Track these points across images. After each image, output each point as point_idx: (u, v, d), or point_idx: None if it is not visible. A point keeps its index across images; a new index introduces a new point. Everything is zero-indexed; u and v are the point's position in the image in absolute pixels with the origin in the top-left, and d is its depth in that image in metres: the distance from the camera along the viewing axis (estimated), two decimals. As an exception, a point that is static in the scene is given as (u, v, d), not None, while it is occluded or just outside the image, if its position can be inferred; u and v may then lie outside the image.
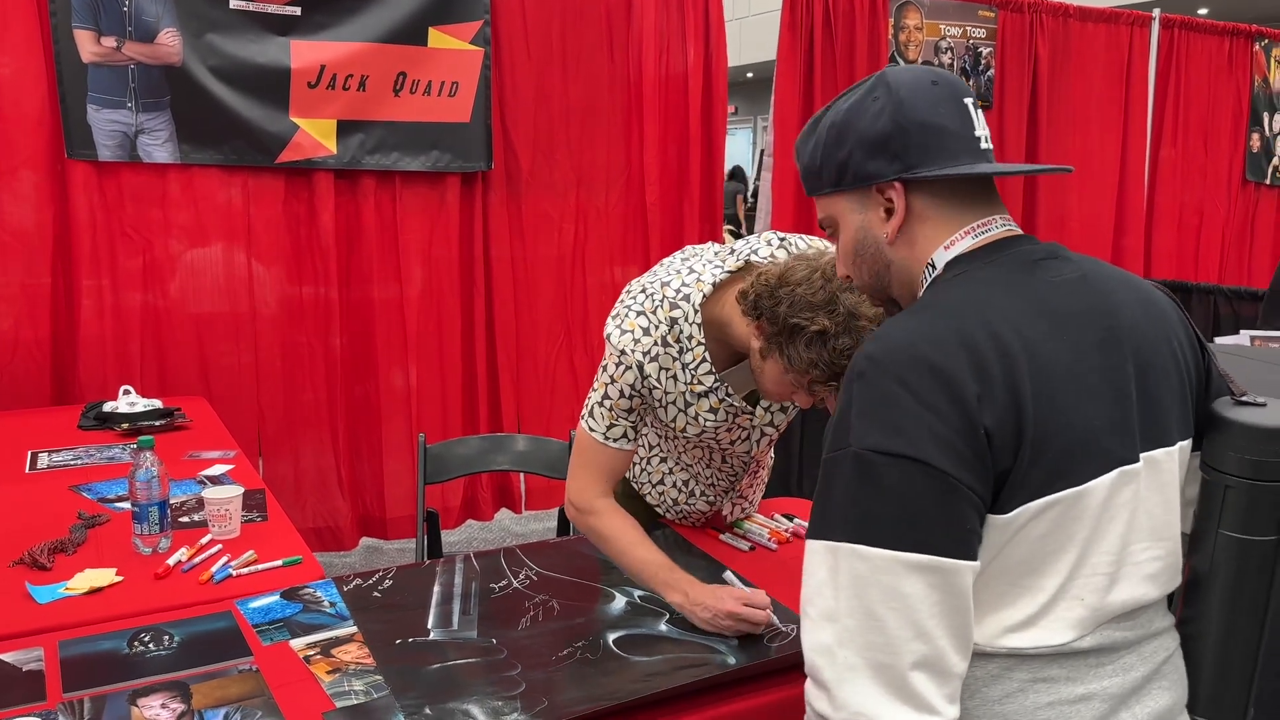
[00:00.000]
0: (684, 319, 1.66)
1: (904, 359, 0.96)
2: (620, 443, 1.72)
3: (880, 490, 0.94)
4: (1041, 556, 0.98)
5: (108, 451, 2.50)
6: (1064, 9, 4.85)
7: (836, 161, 1.11)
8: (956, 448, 0.93)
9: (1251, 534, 1.07)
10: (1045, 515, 0.97)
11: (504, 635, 1.57)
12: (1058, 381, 0.98)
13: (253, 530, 1.98)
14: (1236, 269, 5.57)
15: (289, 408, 3.44)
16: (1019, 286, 1.03)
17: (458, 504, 3.76)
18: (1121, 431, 1.01)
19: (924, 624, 0.93)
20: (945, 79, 1.10)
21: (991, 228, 1.08)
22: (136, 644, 1.49)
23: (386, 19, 3.35)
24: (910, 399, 0.94)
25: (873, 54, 4.33)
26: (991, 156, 1.10)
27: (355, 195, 3.44)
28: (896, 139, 1.06)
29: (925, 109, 1.07)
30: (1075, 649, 1.01)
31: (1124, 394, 1.02)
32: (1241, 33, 5.39)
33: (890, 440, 0.94)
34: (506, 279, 3.74)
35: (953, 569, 0.93)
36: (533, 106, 3.67)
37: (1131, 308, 1.08)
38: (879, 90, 1.09)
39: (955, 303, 1.02)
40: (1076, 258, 1.10)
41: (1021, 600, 1.00)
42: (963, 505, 0.93)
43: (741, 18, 13.30)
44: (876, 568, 0.93)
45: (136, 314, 3.20)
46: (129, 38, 3.05)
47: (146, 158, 3.13)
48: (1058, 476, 0.97)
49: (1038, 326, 1.00)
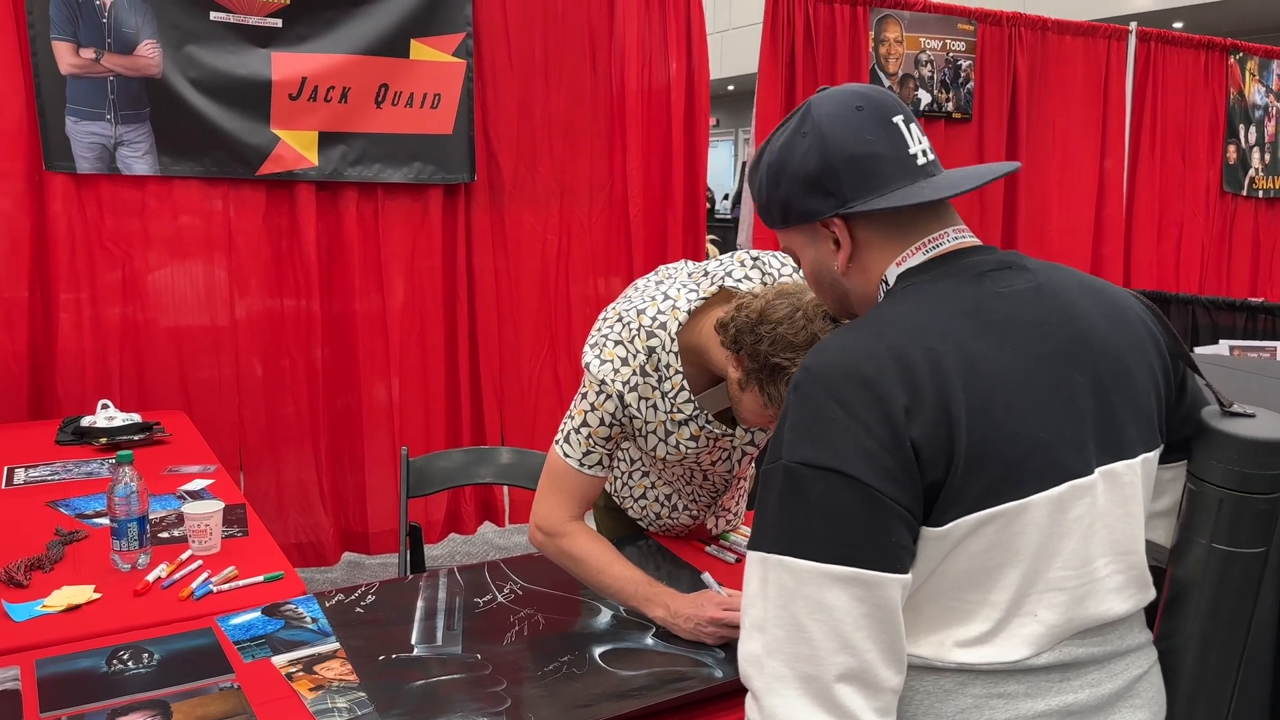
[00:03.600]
0: (661, 348, 1.65)
1: (836, 373, 0.97)
2: (595, 469, 1.71)
3: (807, 503, 0.94)
4: (986, 571, 0.98)
5: (86, 466, 2.47)
6: (1042, 22, 4.89)
7: (778, 201, 1.12)
8: (883, 462, 0.93)
9: (1239, 546, 1.06)
10: (985, 529, 0.96)
11: (489, 650, 1.56)
12: (998, 394, 0.97)
13: (233, 546, 1.96)
14: (1215, 279, 5.63)
15: (270, 421, 3.41)
16: (962, 299, 1.02)
17: (441, 518, 3.74)
18: (1072, 444, 1.00)
19: (849, 636, 0.93)
20: (871, 101, 1.09)
21: (943, 241, 1.08)
22: (115, 662, 1.47)
23: (368, 31, 3.34)
24: (839, 412, 0.95)
25: (854, 67, 4.36)
26: (934, 168, 1.09)
27: (337, 207, 3.43)
28: (827, 176, 1.06)
29: (851, 140, 1.06)
30: (1031, 665, 1.00)
31: (1077, 406, 1.01)
32: (1216, 46, 5.46)
33: (818, 454, 0.94)
34: (489, 291, 3.73)
35: (877, 581, 0.93)
36: (515, 118, 3.67)
37: (1092, 316, 1.06)
38: (806, 125, 1.09)
39: (894, 316, 1.02)
40: (1035, 266, 1.09)
41: (972, 616, 0.99)
42: (888, 519, 0.93)
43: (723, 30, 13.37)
44: (802, 579, 0.93)
45: (115, 327, 3.17)
46: (108, 49, 3.03)
47: (126, 170, 3.10)
48: (997, 490, 0.96)
49: (980, 339, 0.99)
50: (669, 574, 1.84)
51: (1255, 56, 5.60)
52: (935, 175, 1.09)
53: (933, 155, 1.11)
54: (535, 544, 1.76)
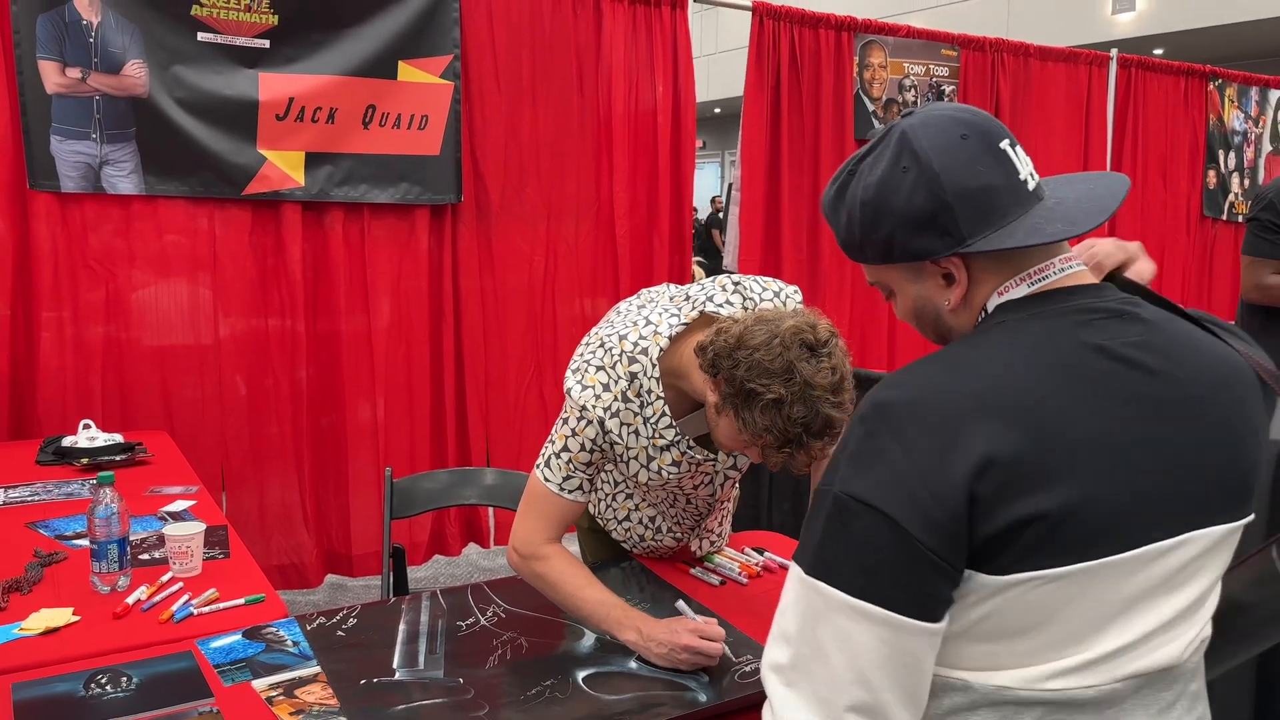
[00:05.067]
0: (643, 373, 1.65)
1: (904, 412, 0.94)
2: (575, 494, 1.71)
3: (848, 535, 0.93)
4: (1044, 620, 0.94)
5: (66, 487, 2.45)
6: (1024, 49, 4.95)
7: (878, 241, 1.03)
8: (932, 512, 0.90)
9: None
10: (1050, 585, 0.93)
11: (471, 674, 1.55)
12: (1085, 457, 0.92)
13: (214, 568, 1.94)
14: (1196, 303, 5.68)
15: (253, 442, 3.39)
16: (1058, 348, 0.96)
17: (425, 539, 3.71)
18: (1158, 508, 0.95)
19: (867, 673, 0.92)
20: (975, 127, 1.01)
21: (1049, 273, 1.01)
22: (94, 686, 1.46)
23: (356, 52, 3.35)
24: (898, 453, 0.92)
25: (838, 91, 4.39)
26: (1041, 190, 1.04)
27: (323, 227, 3.42)
28: (943, 215, 0.99)
29: (963, 174, 0.99)
30: (1070, 698, 0.96)
31: (1170, 469, 0.96)
32: (1196, 73, 5.53)
33: (867, 490, 0.92)
34: (476, 311, 3.72)
35: (904, 626, 0.91)
36: (503, 140, 3.69)
37: (1200, 379, 1.00)
38: (906, 159, 1.00)
39: (977, 358, 0.97)
40: (1150, 316, 1.02)
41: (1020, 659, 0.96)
42: (924, 569, 0.91)
43: (709, 54, 13.46)
44: (831, 606, 0.93)
45: (98, 346, 3.15)
46: (95, 69, 3.03)
47: (111, 189, 3.10)
48: (1068, 550, 0.92)
49: (1066, 393, 0.94)
50: (652, 596, 1.83)
51: (1234, 83, 5.68)
52: (1044, 199, 1.03)
53: (1037, 176, 1.05)
54: (512, 565, 1.76)
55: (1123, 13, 10.67)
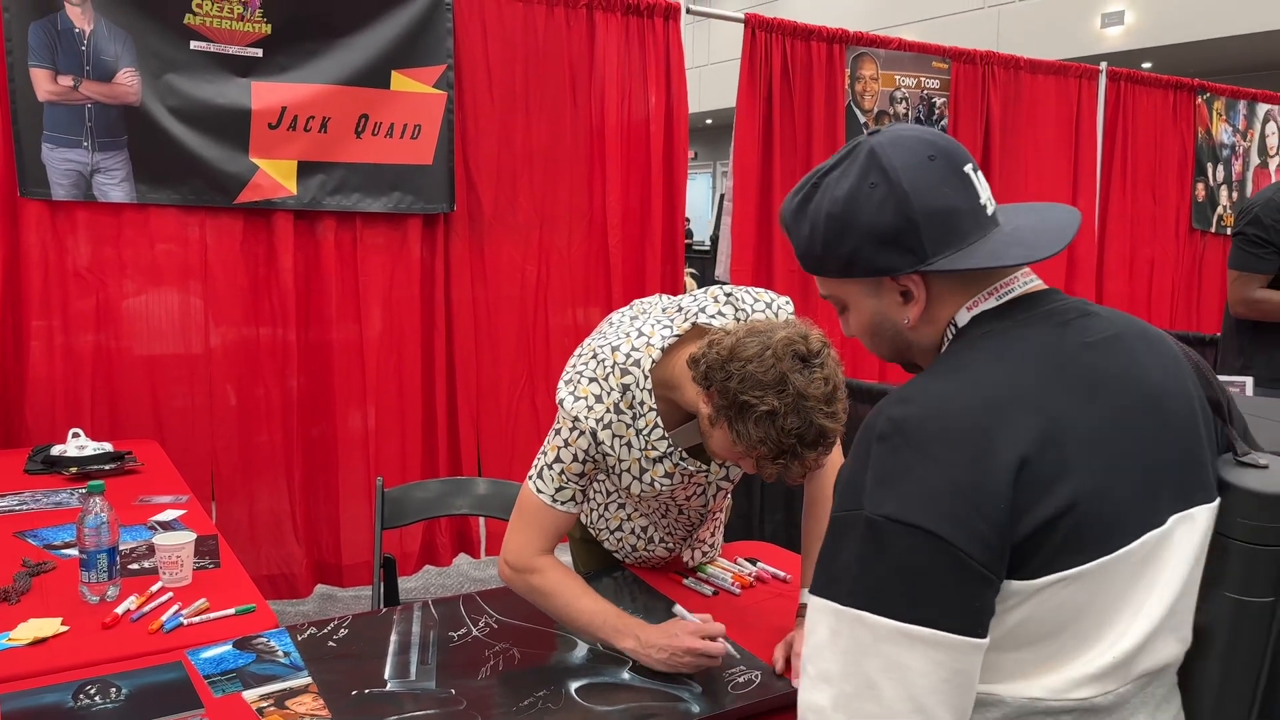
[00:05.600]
0: (635, 385, 1.65)
1: (930, 426, 0.95)
2: (568, 505, 1.70)
3: (890, 559, 0.92)
4: (1068, 621, 0.96)
5: (55, 496, 2.44)
6: (1015, 61, 4.98)
7: (842, 254, 1.06)
8: (973, 523, 0.90)
9: (1253, 596, 1.04)
10: (1074, 584, 0.94)
11: (463, 685, 1.54)
12: (1096, 453, 0.95)
13: (205, 577, 1.93)
14: (1186, 315, 5.71)
15: (244, 451, 3.38)
16: (1052, 350, 1.00)
17: (416, 549, 3.70)
18: (1152, 496, 0.98)
19: (922, 698, 0.90)
20: (942, 150, 1.04)
21: (1014, 286, 1.05)
22: (82, 697, 1.45)
23: (349, 62, 3.35)
24: (931, 468, 0.92)
25: (830, 103, 4.41)
26: (998, 215, 1.07)
27: (315, 236, 3.42)
28: (907, 233, 1.02)
29: (931, 194, 1.02)
30: (1095, 705, 0.98)
31: (1156, 458, 1.00)
32: (1184, 86, 5.57)
33: (904, 509, 0.91)
34: (468, 321, 3.72)
35: (958, 645, 0.91)
36: (495, 149, 3.69)
37: (1158, 367, 1.05)
38: (875, 176, 1.03)
39: (983, 367, 0.99)
40: (1107, 314, 1.07)
41: (1050, 661, 0.97)
42: (973, 582, 0.91)
43: (701, 65, 13.50)
44: (879, 636, 0.91)
45: (88, 355, 3.14)
46: (87, 77, 3.03)
47: (102, 197, 3.09)
48: (1088, 546, 0.94)
49: (1073, 393, 0.97)
50: (645, 606, 1.83)
51: (1222, 97, 5.72)
52: (1002, 225, 1.06)
53: (994, 202, 1.08)
54: (504, 579, 1.75)
55: (1112, 26, 10.75)
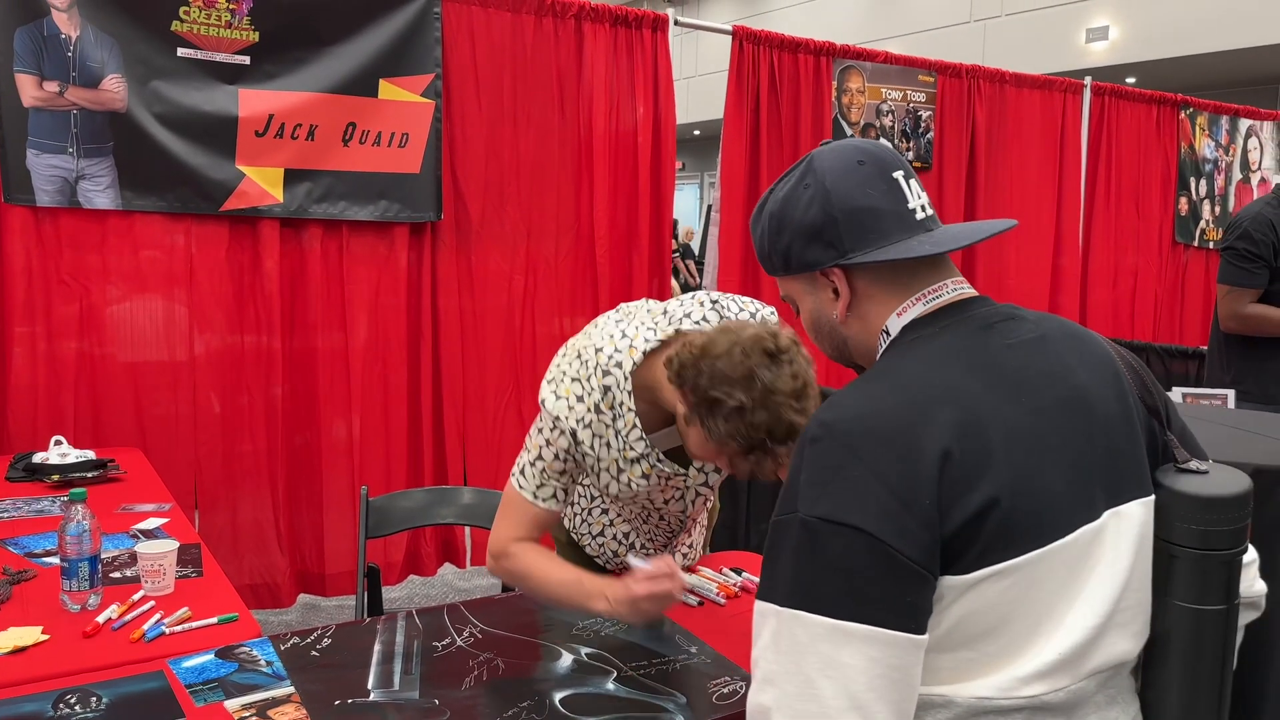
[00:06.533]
0: (616, 386, 1.68)
1: (857, 428, 0.98)
2: (549, 502, 1.74)
3: (824, 558, 0.94)
4: (1006, 617, 0.97)
5: (37, 504, 2.42)
6: (1000, 75, 5.01)
7: (780, 250, 1.15)
8: (903, 521, 0.93)
9: (1202, 603, 1.06)
10: (1007, 579, 0.96)
11: (446, 696, 1.53)
12: (1019, 447, 0.98)
13: (187, 586, 1.92)
14: (1169, 328, 5.75)
15: (227, 459, 3.36)
16: (975, 351, 1.04)
17: (400, 559, 3.68)
18: (1083, 491, 1.01)
19: (860, 695, 0.92)
20: (873, 155, 1.12)
21: (942, 293, 1.10)
22: (62, 706, 1.43)
23: (337, 70, 3.35)
24: (860, 468, 0.95)
25: (817, 115, 4.43)
26: (933, 223, 1.12)
27: (301, 244, 3.41)
28: (828, 228, 1.09)
29: (853, 193, 1.09)
30: (1046, 703, 0.99)
31: (1084, 453, 1.03)
32: (1168, 101, 5.62)
33: (836, 510, 0.94)
34: (454, 329, 3.71)
35: (893, 641, 0.92)
36: (483, 159, 3.69)
37: (1086, 367, 1.08)
38: (809, 178, 1.12)
39: (909, 370, 1.03)
40: (1035, 317, 1.11)
41: (993, 659, 0.99)
42: (906, 578, 0.93)
43: (689, 77, 13.55)
44: (816, 635, 0.93)
45: (71, 362, 3.11)
46: (73, 82, 3.02)
47: (87, 203, 3.07)
48: (1018, 541, 0.96)
49: (995, 391, 1.01)
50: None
51: (1205, 112, 5.77)
52: (934, 230, 1.11)
53: (931, 210, 1.13)
54: (490, 571, 1.78)
55: (1097, 42, 10.84)
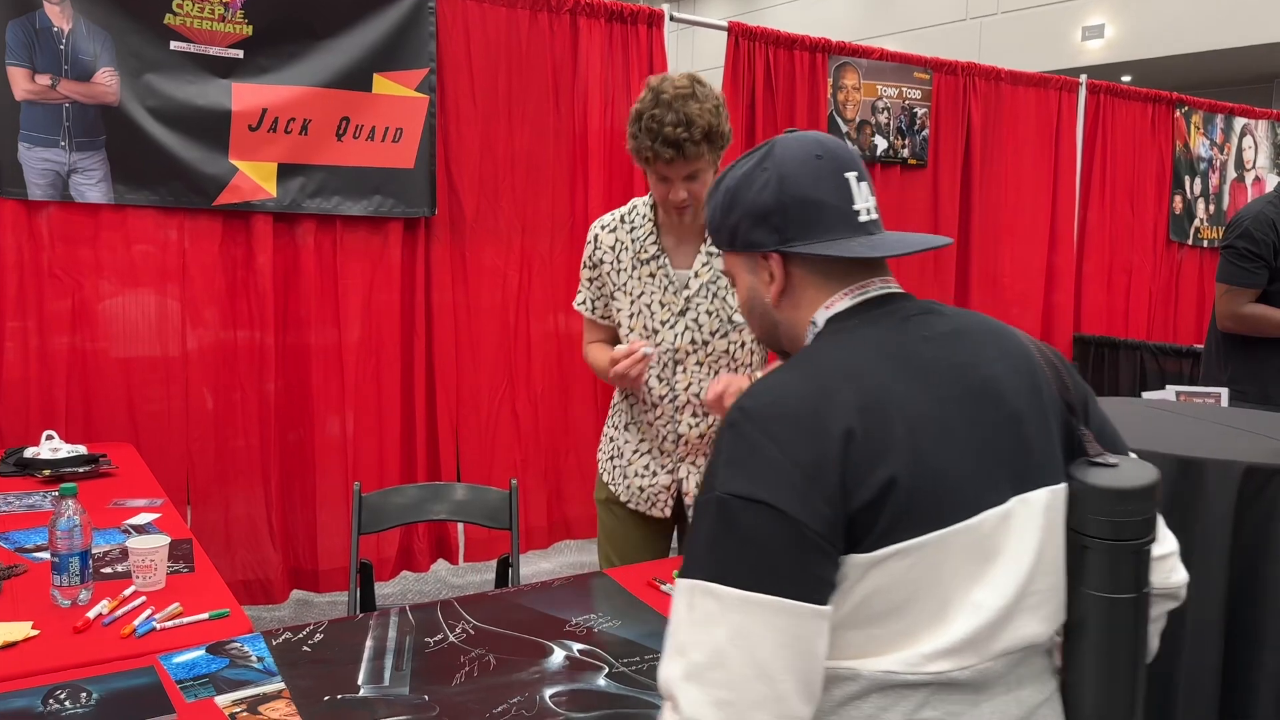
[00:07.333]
0: (641, 203, 2.21)
1: (770, 411, 1.04)
2: (583, 307, 2.30)
3: (736, 533, 0.99)
4: (910, 596, 1.02)
5: (28, 499, 2.41)
6: (995, 73, 5.01)
7: (729, 226, 1.19)
8: (810, 497, 0.98)
9: (1114, 592, 1.10)
10: (909, 557, 1.00)
11: (437, 692, 1.53)
12: (922, 432, 1.03)
13: (178, 582, 1.91)
14: (1163, 326, 5.75)
15: (219, 455, 3.35)
16: (890, 343, 1.10)
17: (393, 555, 3.68)
18: (989, 477, 1.06)
19: (765, 664, 0.96)
20: (831, 152, 1.16)
21: (869, 290, 1.15)
22: (52, 702, 1.43)
23: (331, 64, 3.34)
24: (772, 448, 1.00)
25: (812, 112, 4.43)
26: (874, 227, 1.17)
27: (294, 239, 3.40)
28: (777, 214, 1.14)
29: (806, 184, 1.14)
30: (953, 679, 1.03)
31: (992, 442, 1.07)
32: (1163, 99, 5.62)
33: (748, 486, 0.99)
34: (448, 326, 3.71)
35: (799, 612, 0.97)
36: (478, 154, 3.68)
37: (1000, 360, 1.13)
38: (768, 162, 1.16)
39: (827, 358, 1.09)
40: (952, 312, 1.17)
41: (898, 637, 1.02)
42: (812, 551, 0.98)
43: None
44: (727, 605, 0.97)
45: (63, 356, 3.11)
46: (65, 76, 3.00)
47: (79, 197, 3.06)
48: (920, 521, 1.01)
49: (905, 380, 1.06)
50: (621, 610, 1.83)
51: (1200, 111, 5.78)
52: (874, 234, 1.16)
53: (876, 215, 1.18)
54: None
55: (1092, 40, 10.85)
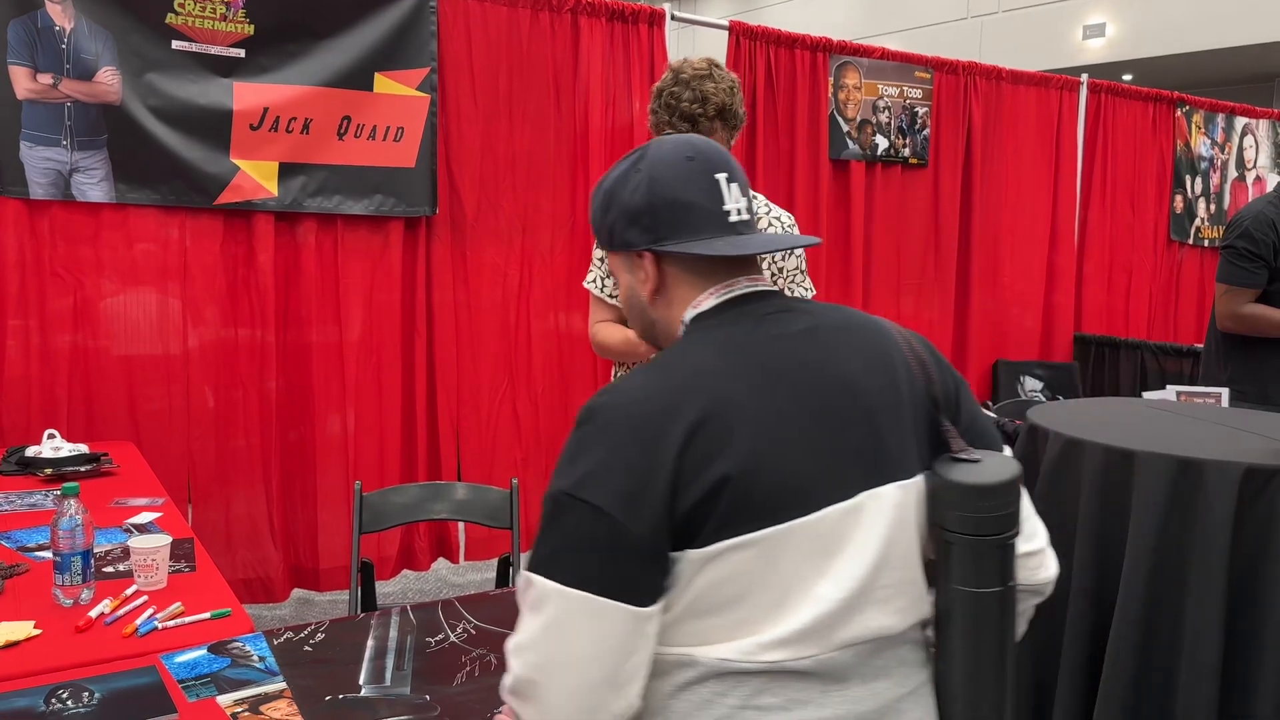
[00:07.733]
0: None
1: (612, 413, 1.06)
2: (592, 286, 2.43)
3: (563, 529, 1.03)
4: (750, 588, 1.04)
5: (29, 498, 2.41)
6: (996, 72, 5.01)
7: (606, 225, 1.22)
8: (636, 499, 1.01)
9: (979, 586, 1.11)
10: (748, 551, 1.03)
11: (438, 692, 1.54)
12: (762, 431, 1.05)
13: (180, 581, 1.91)
14: (1163, 325, 5.75)
15: (221, 454, 3.35)
16: (741, 342, 1.12)
17: (394, 554, 3.68)
18: (835, 473, 1.07)
19: (576, 656, 1.01)
20: (702, 154, 1.19)
21: (735, 288, 1.18)
22: (54, 701, 1.43)
23: (332, 63, 3.34)
24: (605, 449, 1.04)
25: (813, 111, 4.43)
26: (744, 227, 1.19)
27: (295, 238, 3.40)
28: (647, 214, 1.17)
29: (677, 186, 1.16)
30: (794, 668, 1.04)
31: (840, 438, 1.09)
32: (1164, 99, 5.62)
33: (576, 485, 1.03)
34: (449, 324, 3.71)
35: (612, 610, 1.00)
36: (479, 153, 3.68)
37: (855, 357, 1.14)
38: (641, 164, 1.19)
39: (676, 359, 1.12)
40: (813, 310, 1.19)
41: (737, 626, 1.05)
42: (633, 554, 1.01)
43: (686, 71, 13.52)
44: (548, 598, 1.02)
45: (64, 355, 3.11)
46: (66, 75, 3.00)
47: (81, 196, 3.06)
48: (760, 516, 1.03)
49: (750, 378, 1.08)
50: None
51: (1201, 110, 5.78)
52: (744, 234, 1.19)
53: (747, 215, 1.20)
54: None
55: (1093, 39, 10.84)
